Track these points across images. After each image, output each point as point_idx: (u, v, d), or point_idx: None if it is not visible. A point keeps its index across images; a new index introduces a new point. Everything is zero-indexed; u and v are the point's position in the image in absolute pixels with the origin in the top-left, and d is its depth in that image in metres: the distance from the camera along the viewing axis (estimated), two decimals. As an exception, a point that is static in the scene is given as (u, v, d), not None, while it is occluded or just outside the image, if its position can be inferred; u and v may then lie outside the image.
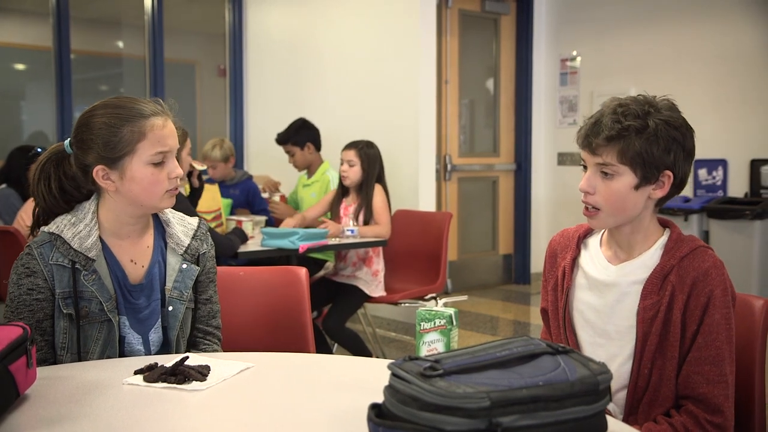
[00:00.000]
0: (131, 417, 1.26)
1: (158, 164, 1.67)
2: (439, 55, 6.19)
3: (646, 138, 1.49)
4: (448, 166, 6.36)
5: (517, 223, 6.86)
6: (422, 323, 1.40)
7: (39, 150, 4.46)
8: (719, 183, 5.83)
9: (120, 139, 1.64)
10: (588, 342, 1.61)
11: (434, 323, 1.39)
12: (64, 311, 1.64)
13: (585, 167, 1.59)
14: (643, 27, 6.21)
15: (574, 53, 6.77)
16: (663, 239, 1.58)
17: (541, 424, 1.02)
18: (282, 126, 4.78)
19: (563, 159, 6.78)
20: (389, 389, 1.09)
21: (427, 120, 5.29)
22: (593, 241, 1.68)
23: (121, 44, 6.82)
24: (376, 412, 1.09)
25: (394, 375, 1.09)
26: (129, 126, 1.64)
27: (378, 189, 4.06)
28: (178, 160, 3.32)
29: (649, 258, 1.57)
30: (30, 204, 3.83)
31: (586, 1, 6.67)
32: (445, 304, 1.44)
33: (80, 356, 1.66)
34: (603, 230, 1.67)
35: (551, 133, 6.90)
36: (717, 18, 5.73)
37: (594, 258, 1.64)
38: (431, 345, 1.39)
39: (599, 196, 1.55)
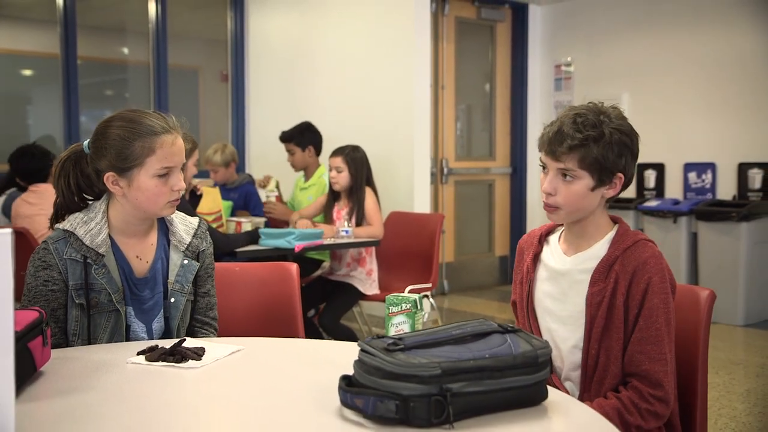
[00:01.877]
0: (134, 390, 1.43)
1: (163, 177, 1.83)
2: (435, 62, 6.35)
3: (602, 146, 1.65)
4: (445, 170, 6.52)
5: (512, 225, 7.02)
6: (390, 307, 1.57)
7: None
8: (708, 186, 5.98)
9: (131, 152, 1.80)
10: (546, 328, 1.78)
11: (401, 307, 1.56)
12: (76, 301, 1.81)
13: (543, 167, 1.76)
14: (635, 34, 6.36)
15: (569, 59, 6.92)
16: (611, 233, 1.75)
17: (486, 390, 1.19)
18: (280, 129, 4.94)
19: (558, 162, 6.93)
20: (358, 362, 1.26)
21: (422, 125, 5.44)
22: (553, 238, 1.85)
23: (126, 50, 6.98)
24: (347, 381, 1.26)
25: (362, 350, 1.26)
26: (140, 141, 1.80)
27: (368, 192, 4.22)
28: (183, 171, 3.53)
29: (599, 249, 1.73)
30: (20, 203, 4.05)
31: (580, 8, 6.82)
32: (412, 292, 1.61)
33: (90, 342, 1.83)
34: (562, 229, 1.84)
35: (546, 138, 7.05)
36: (706, 25, 5.88)
37: (553, 252, 1.82)
38: (398, 326, 1.56)
39: (560, 197, 1.71)
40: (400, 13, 5.43)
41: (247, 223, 4.02)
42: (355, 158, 4.24)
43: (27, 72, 6.69)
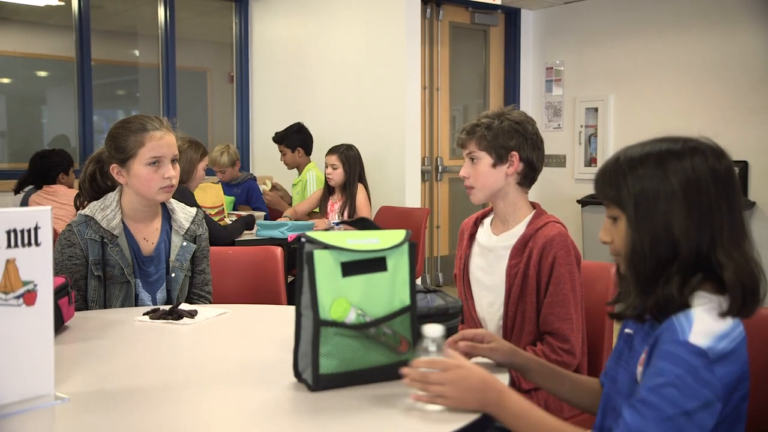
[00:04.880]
0: (141, 339, 1.83)
1: (154, 166, 2.21)
2: (431, 65, 6.68)
3: (494, 130, 2.05)
4: (440, 168, 6.85)
5: (503, 220, 7.33)
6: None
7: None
8: (688, 183, 6.29)
9: (126, 145, 2.20)
10: (477, 294, 2.15)
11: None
12: (95, 273, 2.20)
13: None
14: (621, 38, 6.65)
15: (558, 62, 7.23)
16: (529, 216, 2.11)
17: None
18: (282, 128, 5.32)
19: (548, 160, 7.23)
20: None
21: (413, 125, 5.74)
22: (487, 220, 2.22)
23: (137, 53, 7.31)
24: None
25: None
26: (133, 136, 2.20)
27: (360, 188, 4.60)
28: (191, 171, 3.94)
29: (519, 230, 2.10)
30: (36, 197, 4.53)
31: (570, 13, 7.11)
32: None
33: (105, 308, 2.22)
34: (495, 214, 2.19)
35: (537, 137, 7.36)
36: (686, 32, 6.18)
37: (485, 231, 2.18)
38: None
39: (472, 178, 2.10)
40: (393, 19, 5.73)
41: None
42: (349, 156, 4.61)
43: (43, 74, 7.04)
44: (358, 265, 1.38)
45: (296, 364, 1.42)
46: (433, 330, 1.32)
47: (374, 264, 1.39)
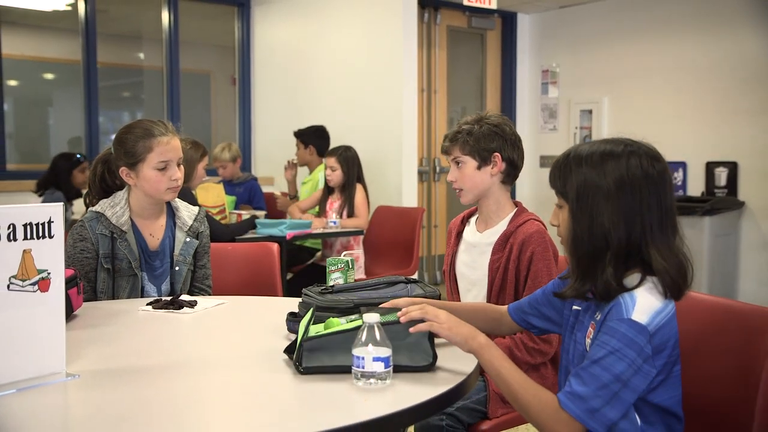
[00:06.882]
0: (144, 326, 1.98)
1: (162, 169, 2.36)
2: (428, 67, 6.82)
3: (474, 135, 2.20)
4: (437, 168, 6.99)
5: (500, 219, 7.45)
6: (330, 266, 2.08)
7: (79, 156, 5.19)
8: (680, 183, 6.41)
9: (135, 150, 2.35)
10: (463, 289, 2.29)
11: (338, 266, 2.07)
12: (104, 266, 2.36)
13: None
14: (615, 41, 6.78)
15: (554, 65, 7.36)
16: (511, 214, 2.25)
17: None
18: (283, 129, 5.47)
19: (545, 161, 7.35)
20: (301, 303, 1.78)
21: (410, 127, 5.87)
22: (473, 219, 2.37)
23: (141, 56, 7.47)
24: (293, 315, 1.77)
25: (304, 294, 1.77)
26: (142, 142, 2.35)
27: (358, 188, 4.75)
28: (192, 172, 4.09)
29: (501, 227, 2.24)
30: None
31: (566, 17, 7.23)
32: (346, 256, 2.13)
33: (113, 299, 2.37)
34: (479, 212, 2.34)
35: (534, 138, 7.44)
36: (677, 36, 6.31)
37: (471, 229, 2.33)
38: (335, 280, 2.07)
39: (459, 181, 2.24)
40: (392, 23, 5.84)
41: (246, 215, 4.54)
42: (347, 158, 4.76)
43: (50, 77, 7.21)
44: None
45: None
46: (371, 317, 1.45)
47: None
